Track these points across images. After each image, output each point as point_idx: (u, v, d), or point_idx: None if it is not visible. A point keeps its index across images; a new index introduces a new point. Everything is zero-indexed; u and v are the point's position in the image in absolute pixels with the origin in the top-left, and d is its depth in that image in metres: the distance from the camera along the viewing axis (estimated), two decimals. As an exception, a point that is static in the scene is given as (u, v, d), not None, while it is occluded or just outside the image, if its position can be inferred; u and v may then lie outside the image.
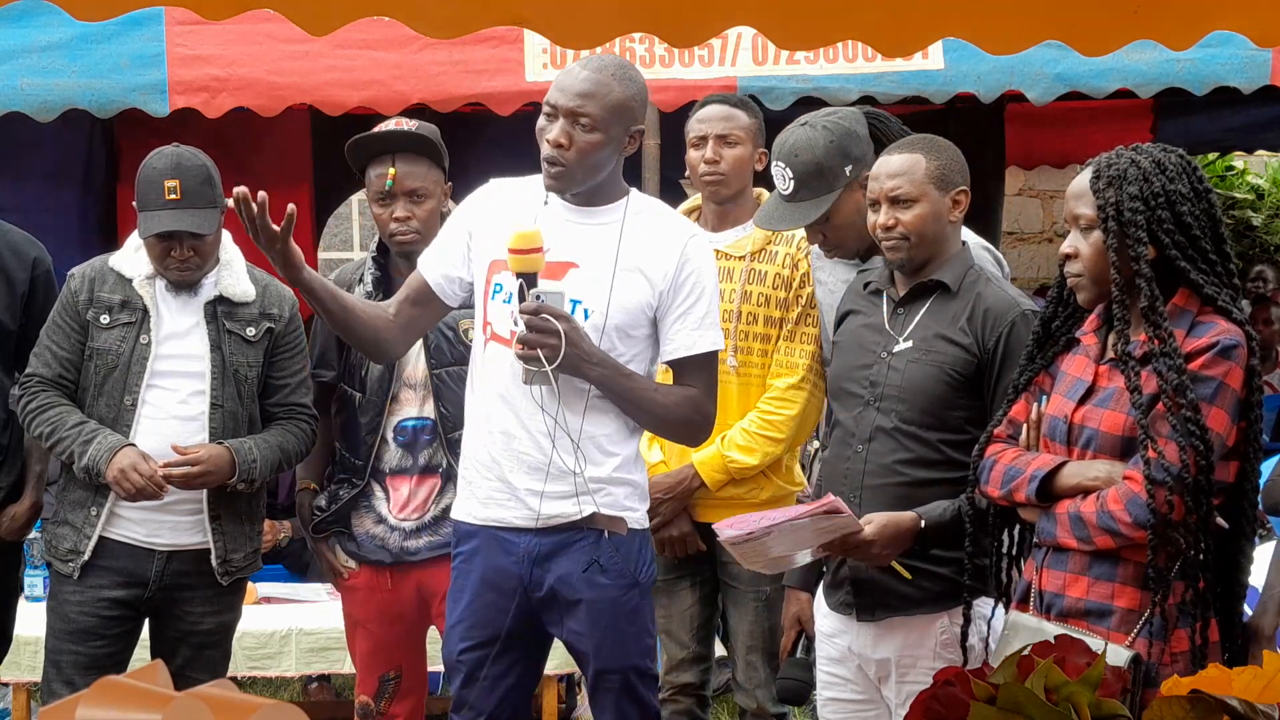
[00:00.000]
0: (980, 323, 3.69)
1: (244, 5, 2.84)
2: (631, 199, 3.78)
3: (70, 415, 4.30)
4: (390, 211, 4.45)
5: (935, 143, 3.82)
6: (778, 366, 4.59)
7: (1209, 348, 3.13)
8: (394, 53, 5.96)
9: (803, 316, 4.58)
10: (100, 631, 4.34)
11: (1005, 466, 3.33)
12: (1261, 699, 1.98)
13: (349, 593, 4.60)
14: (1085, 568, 3.21)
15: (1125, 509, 3.13)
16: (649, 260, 3.71)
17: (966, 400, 3.68)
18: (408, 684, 4.58)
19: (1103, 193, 3.20)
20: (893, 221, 3.72)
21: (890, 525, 3.59)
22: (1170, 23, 3.07)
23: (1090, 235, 3.24)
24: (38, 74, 5.87)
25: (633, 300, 3.70)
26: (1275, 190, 10.65)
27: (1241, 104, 6.85)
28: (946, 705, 2.01)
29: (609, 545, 3.72)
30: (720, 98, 4.80)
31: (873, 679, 3.80)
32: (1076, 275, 3.28)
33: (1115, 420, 3.20)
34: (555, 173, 3.67)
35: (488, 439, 3.74)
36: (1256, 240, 10.24)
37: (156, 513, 4.32)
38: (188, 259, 4.30)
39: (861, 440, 3.74)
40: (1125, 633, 3.12)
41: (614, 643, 3.76)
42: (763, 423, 4.56)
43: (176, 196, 4.25)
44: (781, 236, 4.61)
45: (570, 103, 3.64)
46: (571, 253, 3.70)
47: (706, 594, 4.75)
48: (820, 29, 3.11)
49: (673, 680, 4.74)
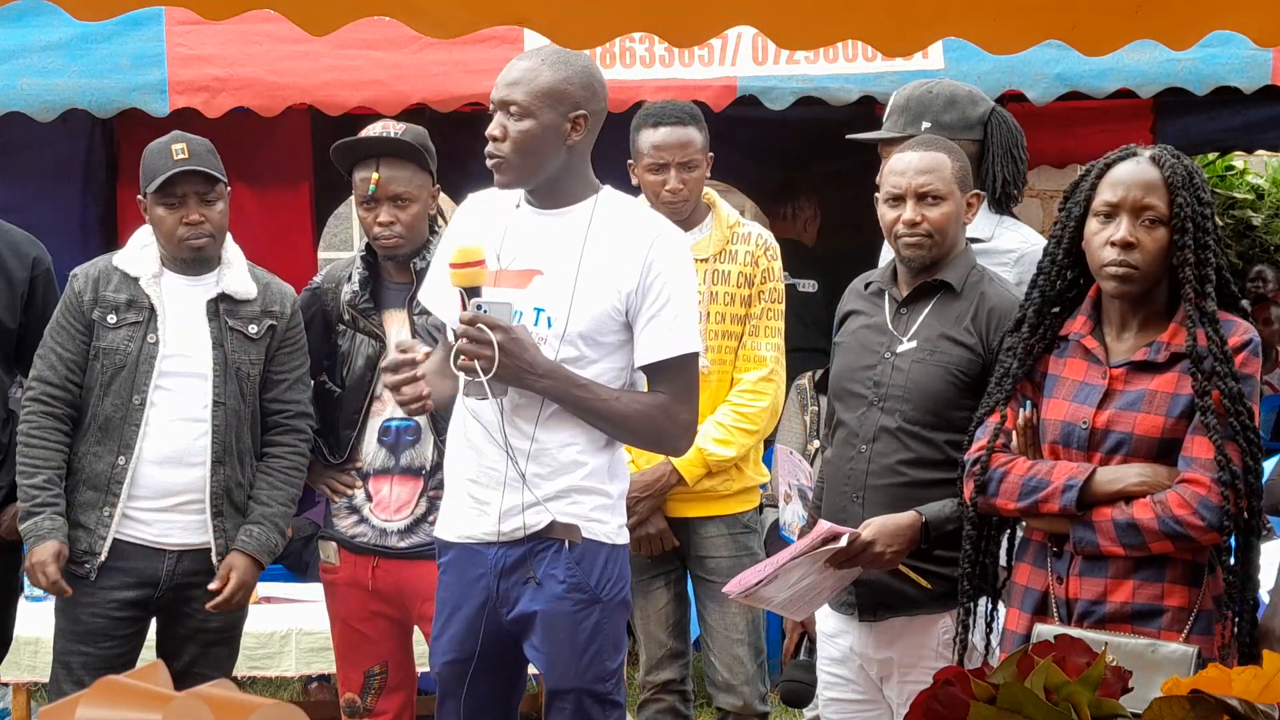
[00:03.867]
0: (985, 323, 3.68)
1: (244, 5, 2.84)
2: (600, 197, 3.67)
3: (42, 468, 4.31)
4: (375, 215, 4.46)
5: (950, 144, 3.83)
6: (744, 361, 4.69)
7: (1244, 345, 3.16)
8: (394, 53, 5.96)
9: (766, 311, 4.70)
10: (111, 633, 4.35)
11: (1021, 479, 3.29)
12: (1261, 699, 1.98)
13: (331, 589, 4.61)
14: (1128, 572, 3.20)
15: (1195, 513, 3.12)
16: (614, 264, 3.59)
17: (971, 400, 3.65)
18: (394, 679, 4.57)
19: (1178, 191, 3.19)
20: (919, 218, 3.69)
21: (889, 524, 3.60)
22: (1171, 22, 3.07)
23: (1155, 230, 3.22)
24: (38, 74, 5.87)
25: (597, 305, 3.59)
26: (1275, 190, 10.65)
27: (1242, 104, 6.85)
28: (946, 705, 2.01)
29: (569, 558, 3.60)
30: (672, 115, 4.72)
31: (874, 679, 3.79)
32: (1131, 267, 3.23)
33: (1152, 423, 3.18)
34: (493, 164, 3.61)
35: (460, 454, 3.72)
36: (1256, 240, 10.24)
37: (166, 513, 4.34)
38: (199, 224, 4.31)
39: (865, 440, 3.73)
40: (1177, 631, 3.13)
41: (566, 661, 3.63)
42: (737, 415, 4.62)
43: (184, 156, 4.30)
44: (739, 235, 4.67)
45: (499, 93, 3.61)
46: (537, 260, 3.63)
47: (680, 590, 4.81)
48: (820, 29, 3.11)
49: (653, 679, 4.77)
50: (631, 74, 6.09)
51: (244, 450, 4.41)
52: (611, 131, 7.06)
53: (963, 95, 4.17)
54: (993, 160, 4.15)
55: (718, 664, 4.71)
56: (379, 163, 4.45)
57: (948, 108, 4.14)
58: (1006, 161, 4.17)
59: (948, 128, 4.07)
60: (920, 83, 4.26)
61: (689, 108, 4.84)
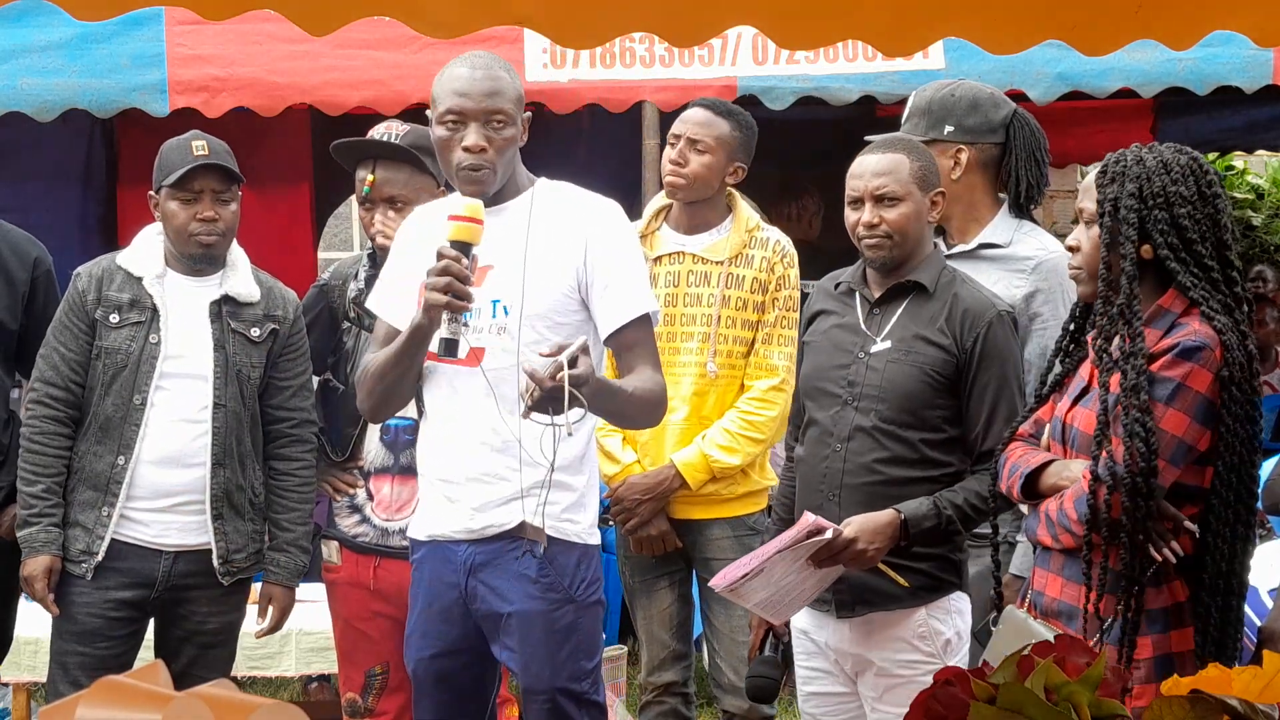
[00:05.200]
0: (959, 323, 3.73)
1: (244, 5, 2.84)
2: (537, 188, 3.72)
3: (43, 475, 4.32)
4: (371, 216, 4.47)
5: (913, 143, 3.86)
6: (755, 369, 4.63)
7: (1170, 348, 3.12)
8: (394, 53, 5.96)
9: (779, 319, 4.63)
10: (107, 633, 4.34)
11: (1011, 464, 3.36)
12: (1261, 699, 1.98)
13: (332, 588, 4.61)
14: (1060, 568, 3.24)
15: (1074, 506, 3.15)
16: (558, 246, 3.63)
17: (945, 400, 3.73)
18: (395, 679, 4.56)
19: (1105, 188, 3.21)
20: (877, 220, 3.74)
21: (869, 522, 3.65)
22: (1171, 22, 3.08)
23: (1091, 230, 3.25)
24: (38, 74, 5.87)
25: (549, 288, 3.62)
26: (1275, 190, 10.63)
27: (1242, 104, 6.85)
28: (946, 705, 2.00)
29: (540, 558, 3.60)
30: (710, 103, 4.77)
31: (849, 673, 3.81)
32: (1076, 268, 3.31)
33: (1090, 419, 3.21)
34: (480, 176, 3.62)
35: (431, 452, 3.74)
36: (1256, 240, 10.22)
37: (164, 513, 4.34)
38: (213, 221, 4.32)
39: (840, 439, 3.76)
40: (1090, 637, 3.11)
41: (541, 661, 3.62)
42: (744, 423, 4.58)
43: (205, 153, 4.32)
44: (757, 240, 4.64)
45: (482, 104, 3.61)
46: (487, 256, 3.64)
47: (685, 592, 4.78)
48: (820, 29, 3.11)
49: (655, 680, 4.75)
50: (631, 74, 6.09)
51: (245, 453, 4.40)
52: (611, 131, 7.06)
53: (985, 98, 4.17)
54: (1015, 163, 4.15)
55: (724, 666, 4.70)
56: (375, 164, 4.46)
57: (971, 111, 4.13)
58: (1030, 164, 4.17)
59: (971, 131, 4.08)
60: (942, 84, 4.25)
61: (735, 108, 4.82)
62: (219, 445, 4.35)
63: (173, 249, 4.40)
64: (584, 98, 6.10)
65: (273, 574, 4.45)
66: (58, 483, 4.34)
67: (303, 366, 4.51)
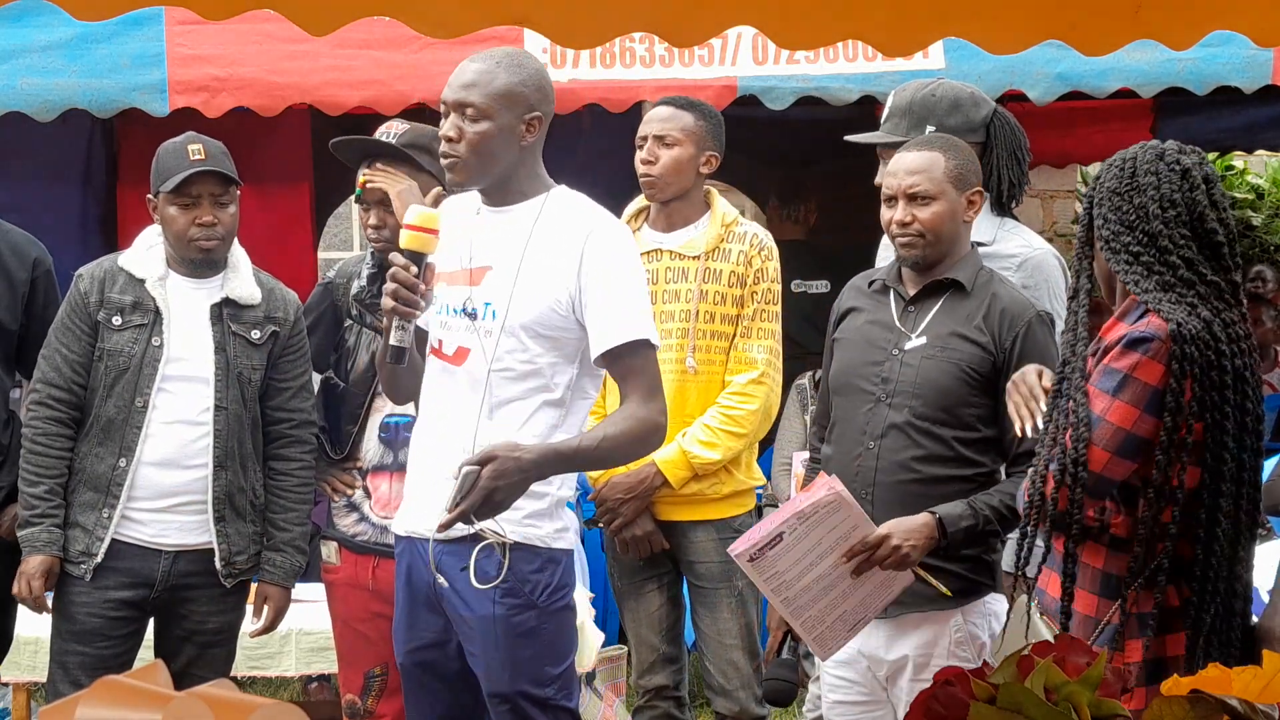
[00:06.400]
0: (997, 322, 3.70)
1: (244, 5, 2.84)
2: (551, 195, 3.67)
3: (45, 476, 4.33)
4: (367, 217, 4.47)
5: (952, 141, 3.84)
6: (736, 363, 4.59)
7: (1119, 340, 3.09)
8: (394, 53, 5.96)
9: (759, 312, 4.60)
10: (107, 632, 4.35)
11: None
12: (1261, 699, 1.98)
13: (331, 589, 4.61)
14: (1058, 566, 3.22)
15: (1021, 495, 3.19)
16: (555, 258, 3.59)
17: (980, 399, 3.69)
18: (395, 681, 4.55)
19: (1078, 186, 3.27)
20: (910, 218, 3.72)
21: (903, 521, 3.61)
22: (1171, 22, 3.07)
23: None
24: (38, 74, 5.87)
25: (538, 298, 3.57)
26: (1275, 190, 10.63)
27: (1242, 104, 6.85)
28: (946, 705, 2.00)
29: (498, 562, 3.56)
30: (670, 99, 4.75)
31: (881, 679, 3.79)
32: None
33: None
34: (448, 164, 3.62)
35: (414, 450, 3.76)
36: (1256, 240, 10.22)
37: (164, 513, 4.34)
38: (212, 225, 4.31)
39: (873, 437, 3.73)
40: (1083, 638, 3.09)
41: (499, 666, 3.59)
42: (725, 418, 4.55)
43: (201, 157, 4.31)
44: (734, 234, 4.62)
45: (455, 95, 3.61)
46: (489, 256, 3.65)
47: (674, 594, 4.73)
48: (820, 29, 3.11)
49: (645, 684, 4.72)
50: (631, 74, 6.09)
51: (246, 455, 4.41)
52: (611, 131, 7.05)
53: (965, 98, 4.17)
54: (997, 162, 4.14)
55: (712, 669, 4.67)
56: (374, 164, 4.45)
57: (952, 111, 4.13)
58: (1010, 163, 4.17)
59: (952, 131, 4.07)
60: (921, 84, 4.24)
61: (697, 100, 4.81)
62: (220, 447, 4.35)
63: (173, 253, 4.40)
64: (584, 98, 6.10)
65: (269, 574, 4.45)
66: (60, 483, 4.34)
67: (303, 368, 4.51)
